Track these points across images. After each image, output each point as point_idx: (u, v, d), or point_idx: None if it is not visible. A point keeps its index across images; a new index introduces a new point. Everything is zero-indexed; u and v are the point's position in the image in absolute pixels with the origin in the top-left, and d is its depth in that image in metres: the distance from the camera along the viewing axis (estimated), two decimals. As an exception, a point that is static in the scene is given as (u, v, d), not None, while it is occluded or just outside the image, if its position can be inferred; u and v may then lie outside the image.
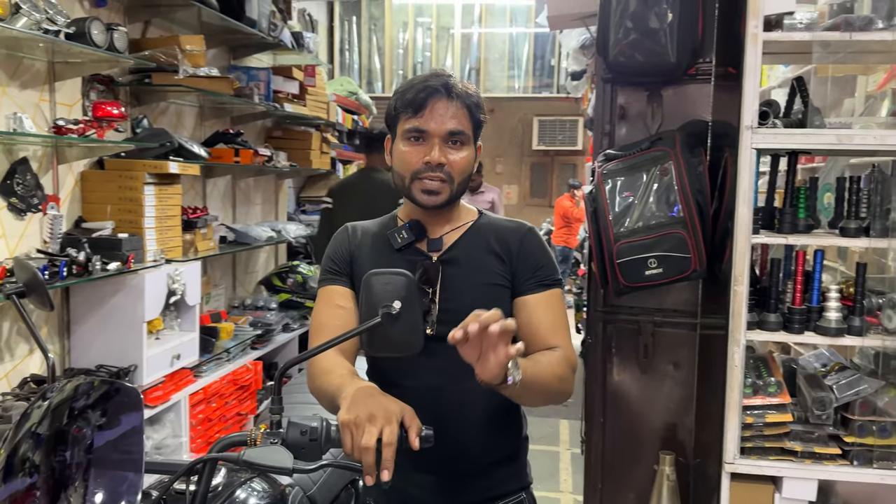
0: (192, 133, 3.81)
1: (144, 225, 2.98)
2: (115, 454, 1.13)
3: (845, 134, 1.96)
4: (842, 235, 2.04)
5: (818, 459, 2.06)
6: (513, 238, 1.49)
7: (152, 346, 3.03)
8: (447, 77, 1.44)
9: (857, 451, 2.04)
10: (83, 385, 1.28)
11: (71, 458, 1.19)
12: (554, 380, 1.36)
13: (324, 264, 1.53)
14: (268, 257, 4.87)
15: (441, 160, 1.41)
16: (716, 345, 2.50)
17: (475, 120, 1.45)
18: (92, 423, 1.22)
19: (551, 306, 1.47)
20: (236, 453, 1.18)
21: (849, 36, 1.95)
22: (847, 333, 2.03)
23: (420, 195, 1.44)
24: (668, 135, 2.33)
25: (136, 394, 1.16)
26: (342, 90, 5.41)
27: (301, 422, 1.21)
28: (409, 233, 1.48)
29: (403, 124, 1.43)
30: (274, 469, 1.15)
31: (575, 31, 4.04)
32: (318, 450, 1.20)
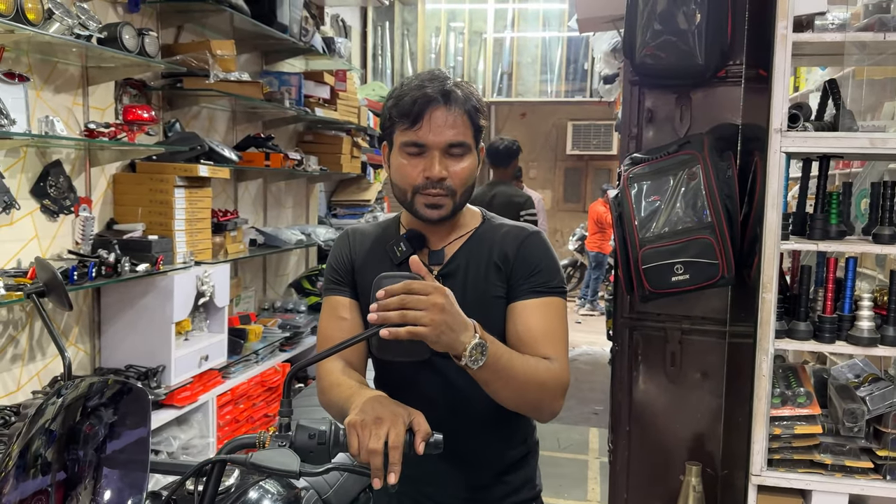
0: (223, 137, 3.86)
1: (174, 227, 3.03)
2: (125, 454, 1.14)
3: (879, 138, 1.90)
4: (875, 242, 1.98)
5: (849, 473, 2.00)
6: (511, 244, 1.44)
7: (181, 346, 3.07)
8: (444, 81, 1.37)
9: (891, 466, 1.97)
10: (97, 384, 1.30)
11: (83, 455, 1.20)
12: (532, 382, 1.29)
13: (327, 272, 1.52)
14: (298, 260, 4.91)
15: (442, 174, 1.36)
16: (744, 353, 2.44)
17: (475, 126, 1.39)
18: (104, 421, 1.24)
19: (544, 314, 1.39)
20: (245, 455, 1.18)
21: (883, 36, 1.89)
22: (881, 343, 1.96)
23: (423, 210, 1.39)
24: (696, 138, 2.28)
25: (144, 395, 1.16)
26: (374, 95, 5.43)
27: (309, 425, 1.21)
28: (408, 245, 1.44)
29: (400, 136, 1.37)
30: (280, 472, 1.15)
31: (606, 34, 4.00)
32: (326, 453, 1.20)
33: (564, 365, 1.35)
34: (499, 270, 1.43)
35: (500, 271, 1.43)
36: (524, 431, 1.55)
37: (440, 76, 1.38)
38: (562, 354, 1.36)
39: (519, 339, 1.37)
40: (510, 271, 1.42)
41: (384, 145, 1.46)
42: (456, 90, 1.36)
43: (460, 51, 6.40)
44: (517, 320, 1.38)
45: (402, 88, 1.39)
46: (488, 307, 1.40)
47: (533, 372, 1.29)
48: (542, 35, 6.27)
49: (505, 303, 1.41)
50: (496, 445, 1.49)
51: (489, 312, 1.37)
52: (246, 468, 1.18)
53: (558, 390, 1.33)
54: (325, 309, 1.50)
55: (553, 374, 1.32)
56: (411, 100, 1.34)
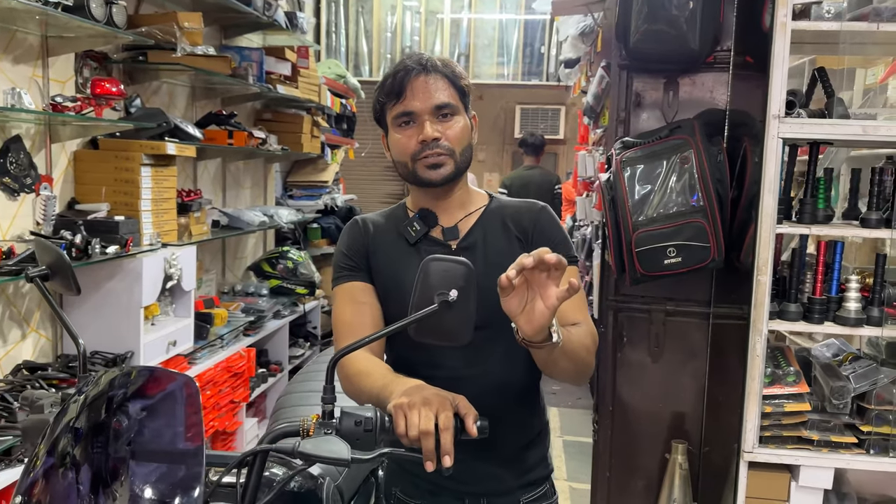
0: (183, 114, 3.71)
1: (141, 207, 2.89)
2: (168, 446, 1.08)
3: (871, 125, 1.96)
4: (863, 226, 2.05)
5: (834, 448, 2.08)
6: (527, 217, 1.47)
7: (149, 332, 2.94)
8: (419, 55, 1.44)
9: (874, 440, 2.06)
10: (119, 377, 1.23)
11: (113, 451, 1.13)
12: (583, 350, 1.35)
13: (339, 260, 1.50)
14: (256, 242, 4.78)
15: (435, 135, 1.39)
16: (729, 334, 2.51)
17: (459, 88, 1.42)
18: (132, 415, 1.17)
19: None
20: (292, 444, 1.13)
21: (876, 27, 1.95)
22: (866, 324, 2.04)
23: (425, 172, 1.41)
24: (686, 123, 2.32)
25: (189, 383, 1.10)
26: (330, 73, 5.31)
27: (355, 411, 1.18)
28: (421, 223, 1.46)
29: (391, 113, 1.42)
30: (332, 460, 1.12)
31: (573, 17, 4.01)
32: (372, 440, 1.17)
33: (592, 326, 1.43)
34: (518, 242, 1.46)
35: (520, 242, 1.46)
36: (540, 410, 1.58)
37: (415, 53, 1.45)
38: (588, 317, 1.44)
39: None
40: (531, 245, 1.43)
41: (382, 134, 1.50)
42: (432, 59, 1.42)
43: (417, 30, 6.32)
44: None
45: (384, 77, 1.45)
46: None
47: (581, 341, 1.34)
48: (499, 17, 6.25)
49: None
50: (517, 425, 1.51)
51: None
52: (293, 458, 1.14)
53: (594, 348, 1.40)
54: (342, 295, 1.47)
55: (589, 338, 1.38)
56: (392, 77, 1.40)
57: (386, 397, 1.25)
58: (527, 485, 1.53)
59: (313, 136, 4.70)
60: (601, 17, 3.40)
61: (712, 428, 2.52)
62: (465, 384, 1.28)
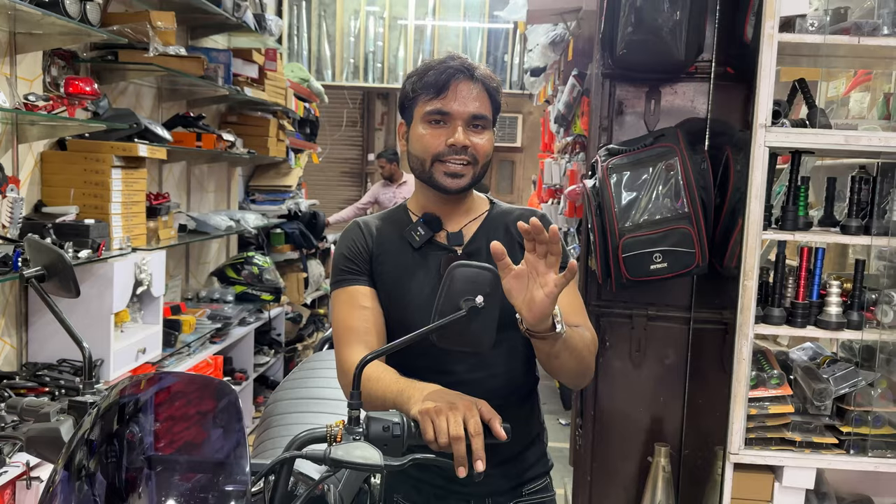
0: (150, 115, 3.61)
1: (111, 211, 2.80)
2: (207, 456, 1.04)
3: (853, 135, 2.03)
4: (843, 233, 2.12)
5: (816, 449, 2.14)
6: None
7: (118, 339, 2.85)
8: (466, 59, 1.43)
9: (853, 441, 2.13)
10: (129, 386, 1.19)
11: (129, 463, 1.09)
12: (585, 349, 1.36)
13: (339, 263, 1.48)
14: (219, 248, 4.68)
15: (466, 142, 1.38)
16: (709, 338, 2.56)
17: (495, 104, 1.44)
18: (145, 426, 1.13)
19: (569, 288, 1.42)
20: (322, 451, 1.11)
21: (857, 40, 2.03)
22: (847, 328, 2.11)
23: (443, 178, 1.40)
24: (670, 131, 2.36)
25: (227, 390, 1.07)
26: (294, 76, 5.25)
27: (382, 416, 1.16)
28: (426, 228, 1.46)
29: (423, 106, 1.40)
30: (365, 467, 1.10)
31: (543, 26, 4.05)
32: (400, 445, 1.16)
33: (592, 329, 1.46)
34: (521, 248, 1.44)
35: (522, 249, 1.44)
36: (538, 410, 1.62)
37: (461, 56, 1.44)
38: (587, 320, 1.47)
39: None
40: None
41: (401, 123, 1.49)
42: (480, 68, 1.42)
43: (380, 36, 6.29)
44: None
45: (423, 66, 1.44)
46: None
47: (583, 338, 1.36)
48: (463, 25, 6.28)
49: None
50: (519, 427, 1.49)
51: None
52: (323, 464, 1.11)
53: (594, 350, 1.43)
54: (343, 299, 1.46)
55: (591, 339, 1.41)
56: (436, 73, 1.38)
57: (404, 402, 1.24)
58: (528, 480, 1.56)
59: (279, 139, 4.63)
60: (574, 26, 3.44)
61: (692, 431, 2.57)
62: (469, 388, 1.27)
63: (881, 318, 2.13)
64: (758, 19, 2.09)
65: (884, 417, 2.16)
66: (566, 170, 3.80)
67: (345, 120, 8.50)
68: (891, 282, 2.32)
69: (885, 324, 2.12)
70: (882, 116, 2.30)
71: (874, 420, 2.14)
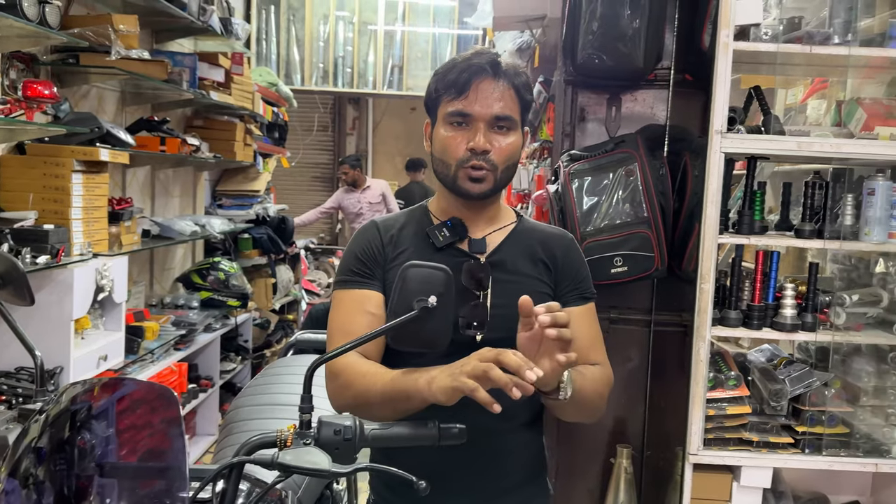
0: (113, 119, 3.57)
1: (72, 216, 2.76)
2: (143, 460, 1.03)
3: (805, 141, 2.08)
4: (797, 237, 2.17)
5: (773, 449, 2.18)
6: (557, 245, 1.45)
7: (79, 346, 2.81)
8: (493, 55, 1.36)
9: (809, 440, 2.17)
10: (81, 392, 1.18)
11: (80, 470, 1.08)
12: (596, 397, 1.34)
13: (350, 264, 1.41)
14: (185, 253, 4.64)
15: (486, 147, 1.32)
16: (669, 341, 2.60)
17: (523, 102, 1.36)
18: (97, 432, 1.12)
19: (590, 320, 1.45)
20: (270, 456, 1.11)
21: (809, 49, 2.07)
22: (801, 329, 2.15)
23: (466, 183, 1.34)
24: (630, 138, 2.39)
25: (167, 394, 1.06)
26: (262, 80, 5.22)
27: (334, 420, 1.16)
28: (451, 231, 1.39)
29: (445, 107, 1.34)
30: (312, 472, 1.10)
31: (510, 33, 4.08)
32: (352, 449, 1.16)
33: (608, 366, 1.42)
34: (546, 268, 1.43)
35: (547, 269, 1.43)
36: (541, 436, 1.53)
37: (488, 51, 1.37)
38: (605, 356, 1.43)
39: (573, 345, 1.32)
40: (558, 273, 1.43)
41: (426, 123, 1.43)
42: (505, 65, 1.34)
43: (350, 41, 6.29)
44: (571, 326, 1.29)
45: (449, 62, 1.37)
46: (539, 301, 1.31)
47: (594, 386, 1.33)
48: (432, 31, 6.30)
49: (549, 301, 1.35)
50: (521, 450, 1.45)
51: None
52: (272, 469, 1.11)
53: (608, 391, 1.39)
54: (348, 302, 1.38)
55: (605, 380, 1.38)
56: (458, 71, 1.32)
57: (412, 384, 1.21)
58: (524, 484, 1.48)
59: (246, 144, 4.61)
60: (540, 33, 3.48)
61: (654, 432, 2.60)
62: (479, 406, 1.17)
63: (834, 320, 2.17)
64: (714, 28, 2.13)
65: (838, 417, 2.20)
66: (534, 175, 3.84)
67: (316, 124, 8.48)
68: (844, 284, 2.38)
69: (838, 325, 2.17)
70: (834, 123, 2.35)
71: (828, 419, 2.18)
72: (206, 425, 4.27)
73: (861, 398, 2.25)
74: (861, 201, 2.15)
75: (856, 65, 2.24)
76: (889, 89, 2.51)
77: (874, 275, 2.32)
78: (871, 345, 2.23)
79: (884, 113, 2.20)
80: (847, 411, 2.23)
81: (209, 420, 4.28)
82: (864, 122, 2.14)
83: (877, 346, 2.23)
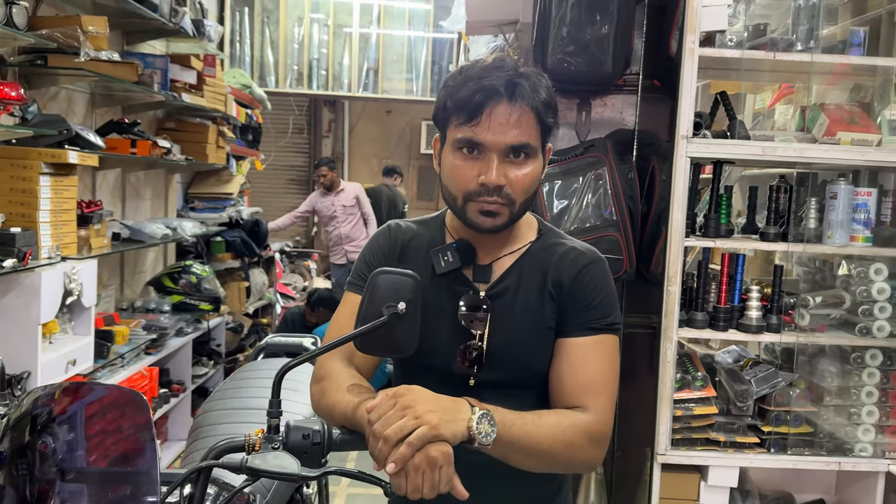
0: (82, 121, 3.53)
1: (39, 219, 2.73)
2: (114, 465, 1.03)
3: (769, 146, 2.12)
4: (762, 240, 2.21)
5: (739, 448, 2.22)
6: (569, 271, 1.27)
7: (46, 350, 2.78)
8: (511, 71, 1.19)
9: (774, 440, 2.21)
10: (43, 396, 1.17)
11: (41, 475, 1.08)
12: (556, 444, 1.15)
13: (360, 267, 1.35)
14: (156, 257, 4.59)
15: (500, 182, 1.18)
16: (639, 342, 2.62)
17: (544, 125, 1.21)
18: (60, 436, 1.12)
19: (595, 356, 1.23)
20: (239, 460, 1.11)
21: (773, 55, 2.12)
22: (766, 331, 2.19)
23: (476, 217, 1.21)
24: (600, 142, 2.42)
25: (137, 399, 1.06)
26: (235, 82, 5.19)
27: (302, 425, 1.17)
28: (455, 256, 1.28)
29: (454, 131, 1.20)
30: (281, 476, 1.10)
31: (484, 37, 4.10)
32: (320, 454, 1.16)
33: (602, 414, 1.21)
34: (551, 298, 1.27)
35: (552, 299, 1.27)
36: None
37: (507, 65, 1.20)
38: (603, 402, 1.21)
39: (560, 381, 1.25)
40: (563, 301, 1.26)
41: (436, 139, 1.30)
42: (523, 82, 1.18)
43: (325, 43, 6.28)
44: (564, 359, 1.25)
45: (462, 75, 1.21)
46: (539, 339, 1.27)
47: (554, 433, 1.15)
48: (407, 34, 6.31)
49: (556, 335, 1.27)
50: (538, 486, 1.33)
51: (539, 345, 1.26)
52: (240, 473, 1.11)
53: (589, 443, 1.19)
54: (350, 305, 1.31)
55: (581, 429, 1.17)
56: (470, 91, 1.17)
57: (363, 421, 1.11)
58: None
59: (219, 146, 4.58)
60: (513, 38, 3.50)
61: (624, 433, 2.62)
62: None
63: (798, 322, 2.22)
64: (681, 34, 2.17)
65: (802, 416, 2.25)
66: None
67: (291, 127, 8.45)
68: (808, 287, 2.42)
69: (803, 327, 2.21)
70: (799, 128, 2.40)
71: (793, 419, 2.22)
72: (177, 430, 4.23)
73: (825, 398, 2.30)
74: (824, 205, 2.20)
75: (819, 71, 2.29)
76: (851, 95, 2.57)
77: (837, 277, 2.36)
78: (835, 345, 2.28)
79: (846, 118, 2.25)
80: (811, 411, 2.28)
81: (181, 425, 4.24)
82: (826, 127, 2.19)
83: (840, 347, 2.28)
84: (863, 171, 2.27)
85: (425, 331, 1.24)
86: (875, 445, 2.23)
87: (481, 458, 1.13)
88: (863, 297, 2.22)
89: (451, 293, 1.29)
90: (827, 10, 2.25)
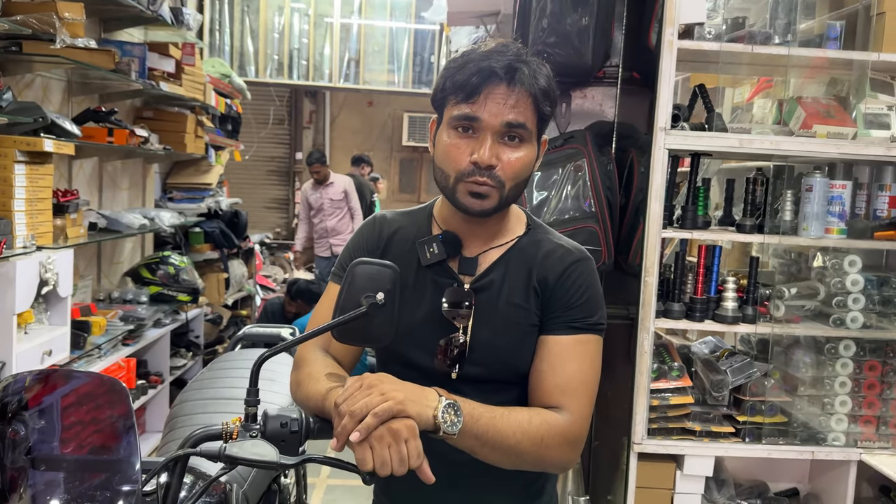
0: (59, 109, 3.49)
1: (14, 208, 2.70)
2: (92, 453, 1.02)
3: (746, 139, 2.14)
4: (738, 231, 2.23)
5: (715, 438, 2.24)
6: (555, 268, 1.26)
7: (22, 341, 2.75)
8: (513, 55, 1.19)
9: (749, 429, 2.24)
10: (13, 384, 1.16)
11: (11, 462, 1.07)
12: (525, 441, 1.13)
13: (344, 257, 1.34)
14: (134, 247, 4.55)
15: (491, 161, 1.17)
16: (616, 333, 2.64)
17: (540, 112, 1.21)
18: (29, 423, 1.11)
19: (575, 356, 1.22)
20: (217, 448, 1.11)
21: (751, 48, 2.13)
22: (742, 322, 2.22)
23: (465, 199, 1.21)
24: (579, 134, 2.43)
25: (117, 386, 1.05)
26: (214, 72, 5.14)
27: (280, 413, 1.17)
28: (441, 248, 1.27)
29: (451, 109, 1.20)
30: (259, 464, 1.10)
31: (465, 28, 4.10)
32: (297, 442, 1.16)
33: (578, 415, 1.19)
34: (537, 296, 1.26)
35: (537, 297, 1.26)
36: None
37: (510, 50, 1.19)
38: (580, 404, 1.20)
39: (539, 379, 1.23)
40: (547, 299, 1.25)
41: (432, 121, 1.29)
42: (523, 67, 1.18)
43: (305, 33, 6.23)
44: (544, 357, 1.23)
45: (463, 58, 1.21)
46: (522, 336, 1.25)
47: (524, 429, 1.14)
48: (389, 25, 6.28)
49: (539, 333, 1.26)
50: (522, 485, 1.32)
51: (522, 342, 1.25)
52: (219, 461, 1.11)
53: (562, 443, 1.17)
54: (332, 296, 1.29)
55: (554, 428, 1.16)
56: (468, 72, 1.17)
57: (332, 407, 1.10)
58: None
59: (197, 136, 4.54)
60: (494, 29, 3.50)
61: (603, 423, 2.65)
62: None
63: (774, 313, 2.25)
64: (661, 26, 2.18)
65: (777, 406, 2.28)
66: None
67: (271, 117, 8.39)
68: (784, 278, 2.45)
69: (778, 318, 2.24)
70: (776, 121, 2.42)
71: (768, 409, 2.25)
72: (155, 422, 4.20)
73: (799, 388, 2.34)
74: (800, 197, 2.23)
75: (796, 64, 2.32)
76: (828, 89, 2.60)
77: (812, 269, 2.40)
78: (809, 336, 2.31)
79: (822, 112, 2.27)
80: (786, 401, 2.31)
81: (159, 417, 4.21)
82: (803, 120, 2.21)
83: (814, 338, 2.31)
84: (838, 164, 2.30)
85: (408, 323, 1.23)
86: (847, 435, 2.27)
87: (464, 456, 1.13)
88: (837, 289, 2.25)
89: (436, 285, 1.28)
90: (804, 5, 2.28)
